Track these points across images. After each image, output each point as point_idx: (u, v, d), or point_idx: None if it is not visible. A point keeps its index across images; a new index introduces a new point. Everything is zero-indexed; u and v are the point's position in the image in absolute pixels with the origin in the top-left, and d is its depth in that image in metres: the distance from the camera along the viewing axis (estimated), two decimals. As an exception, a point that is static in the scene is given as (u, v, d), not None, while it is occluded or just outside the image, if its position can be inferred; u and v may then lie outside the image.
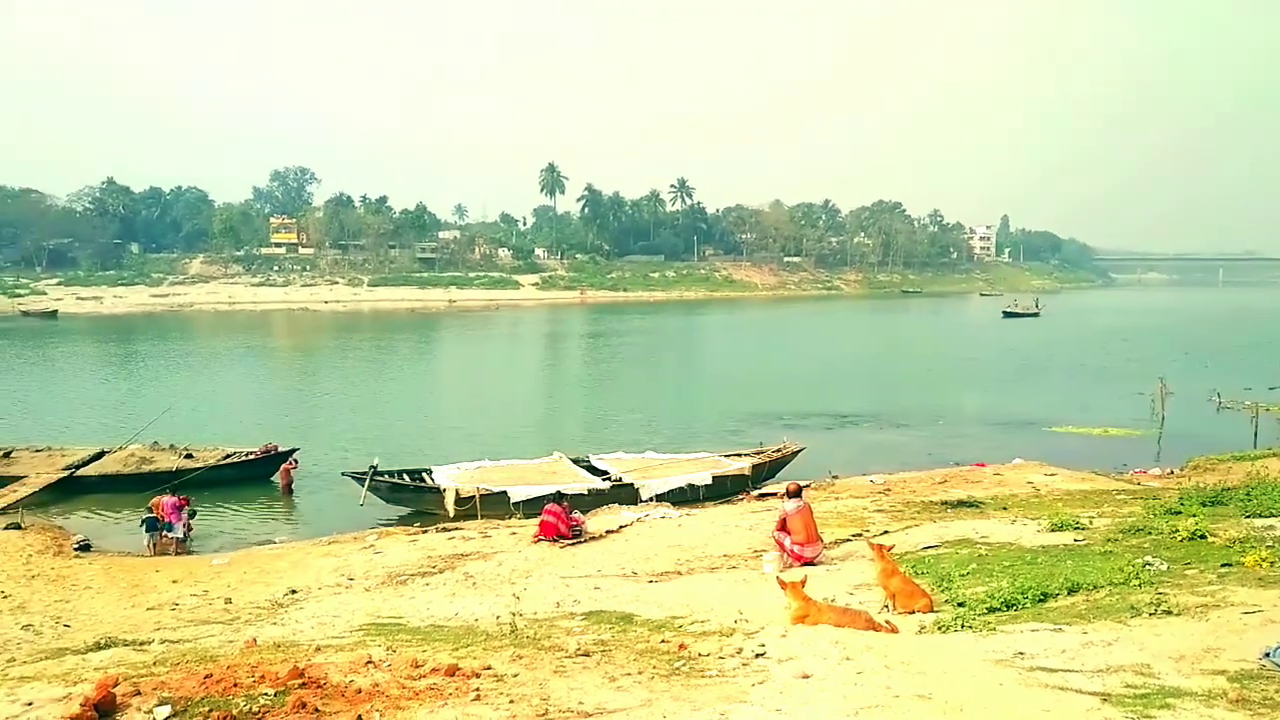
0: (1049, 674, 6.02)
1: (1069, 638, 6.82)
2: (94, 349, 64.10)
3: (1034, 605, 8.14)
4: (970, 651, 6.65)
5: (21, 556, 15.65)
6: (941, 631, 7.59)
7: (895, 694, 5.63)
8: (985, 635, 7.14)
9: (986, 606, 8.18)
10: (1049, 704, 5.43)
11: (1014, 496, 17.24)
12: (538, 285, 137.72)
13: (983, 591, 8.80)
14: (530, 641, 7.91)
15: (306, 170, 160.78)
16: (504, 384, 44.14)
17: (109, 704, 5.76)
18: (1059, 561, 10.00)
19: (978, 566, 10.25)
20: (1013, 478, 19.97)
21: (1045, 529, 12.53)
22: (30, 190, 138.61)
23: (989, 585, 9.10)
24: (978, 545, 11.83)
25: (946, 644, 7.04)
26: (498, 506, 18.76)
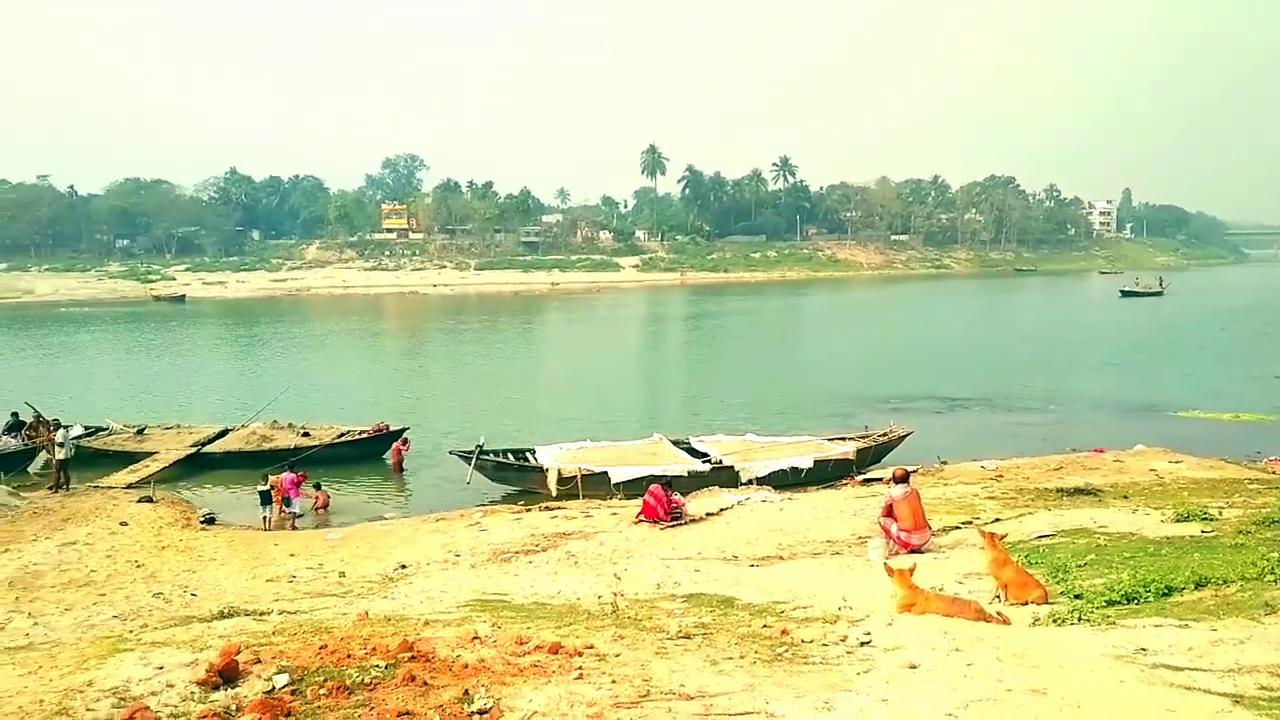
0: (1174, 672, 5.73)
1: (1196, 635, 6.46)
2: (218, 332, 67.36)
3: (1157, 599, 7.74)
4: (1088, 646, 6.39)
5: (153, 528, 16.61)
6: (1057, 624, 7.32)
7: (1007, 688, 5.47)
8: (1104, 629, 6.85)
9: (1105, 599, 7.82)
10: (1174, 704, 5.17)
11: (1135, 484, 16.45)
12: (638, 267, 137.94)
13: (1101, 584, 8.43)
14: (632, 622, 7.97)
15: (416, 157, 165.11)
16: (604, 366, 44.47)
17: (232, 671, 6.07)
18: (1184, 554, 9.51)
19: (1096, 557, 9.83)
20: (1134, 465, 19.08)
21: (1170, 519, 11.93)
22: (161, 181, 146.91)
23: (1108, 577, 8.71)
24: (1096, 535, 11.35)
25: (1062, 637, 6.78)
26: (599, 487, 18.94)
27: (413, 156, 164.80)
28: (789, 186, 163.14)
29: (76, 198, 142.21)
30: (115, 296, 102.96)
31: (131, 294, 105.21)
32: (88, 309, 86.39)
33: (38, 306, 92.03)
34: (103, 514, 17.50)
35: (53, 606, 11.50)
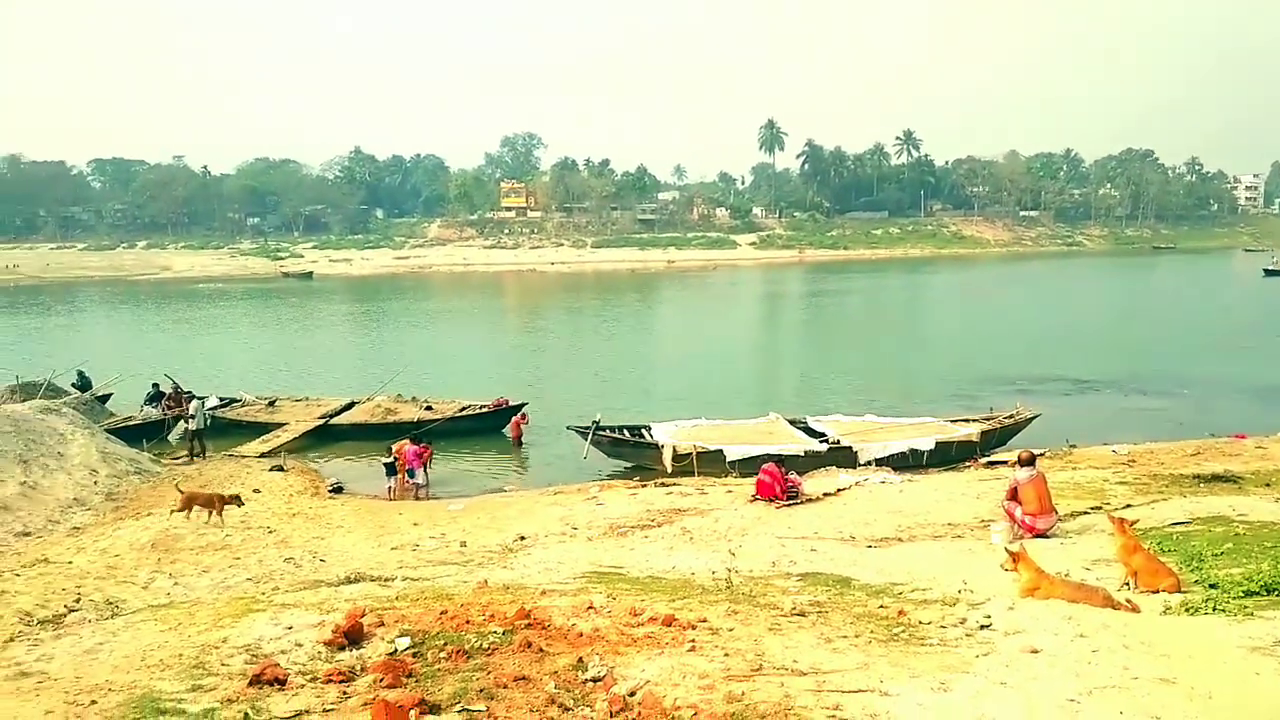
0: (1319, 668, 5.31)
1: (1345, 630, 5.98)
2: (345, 308, 70.08)
3: (1300, 591, 7.20)
4: (1222, 636, 5.99)
5: (284, 496, 17.42)
6: (1189, 614, 6.88)
7: (1134, 675, 5.19)
8: (1240, 620, 6.40)
9: (1243, 590, 7.30)
10: (1320, 701, 4.79)
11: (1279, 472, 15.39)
12: (755, 245, 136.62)
13: (1239, 574, 7.88)
14: (745, 598, 7.91)
15: (534, 136, 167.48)
16: (720, 344, 44.28)
17: (357, 632, 6.29)
18: (1334, 545, 8.82)
19: (1234, 546, 9.21)
20: (1279, 451, 17.87)
21: (1319, 509, 11.09)
22: (289, 160, 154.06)
23: (1246, 567, 8.14)
24: (1234, 523, 10.64)
25: (1195, 627, 6.38)
26: (714, 464, 18.89)
27: (531, 135, 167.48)
28: (913, 161, 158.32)
29: (210, 177, 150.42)
30: (247, 273, 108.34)
31: (262, 271, 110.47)
32: (221, 285, 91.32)
33: (175, 282, 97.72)
34: (237, 481, 18.47)
35: (191, 568, 12.18)
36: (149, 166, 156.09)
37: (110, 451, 19.35)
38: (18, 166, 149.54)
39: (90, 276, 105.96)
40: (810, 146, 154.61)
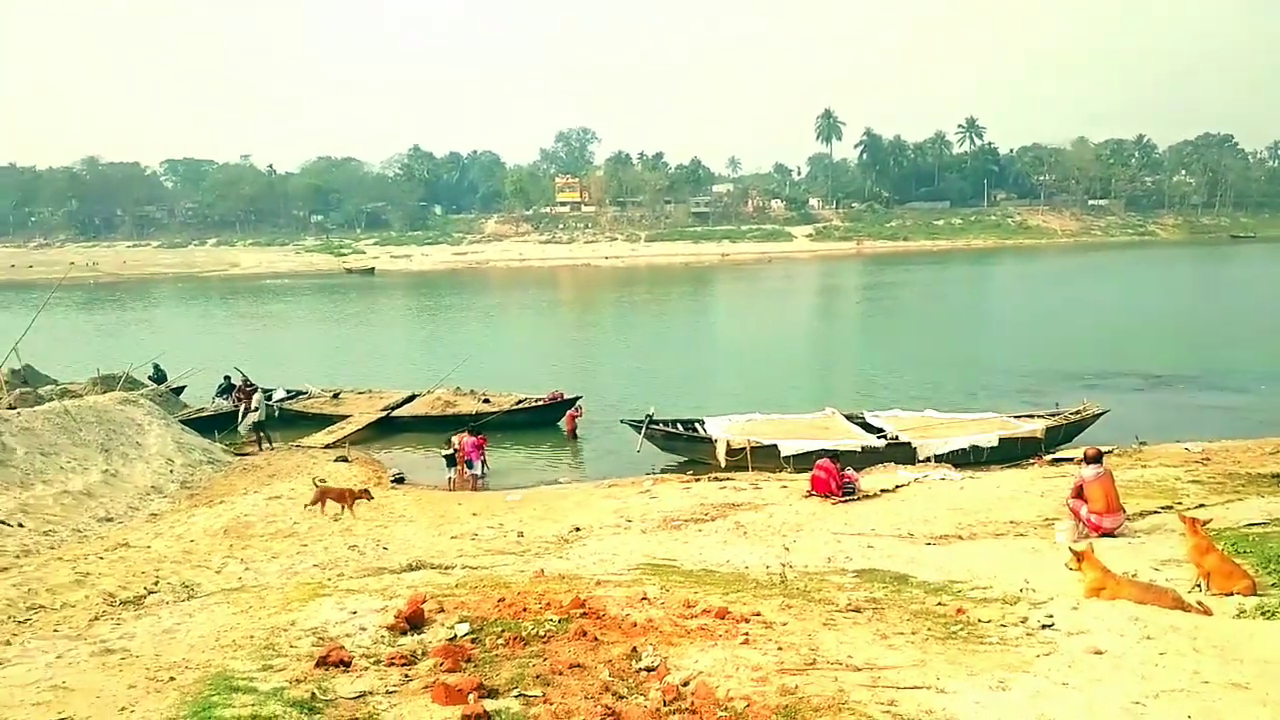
0: (1405, 677, 5.16)
1: None
2: (405, 303, 71.23)
3: (1387, 597, 6.98)
4: (1301, 642, 5.84)
5: (348, 486, 17.81)
6: (1265, 617, 6.72)
7: (1204, 679, 5.09)
8: (1321, 626, 6.25)
9: (1324, 595, 7.13)
10: (1404, 711, 4.66)
11: (1367, 473, 14.84)
12: (811, 236, 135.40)
13: (1320, 578, 7.69)
14: (800, 593, 7.91)
15: (588, 130, 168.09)
16: (774, 337, 44.05)
17: (418, 618, 6.46)
18: None
19: (1315, 549, 8.95)
20: (1365, 451, 17.22)
21: None
22: (351, 159, 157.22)
23: (1328, 571, 7.92)
24: (1316, 526, 10.33)
25: (1271, 631, 6.22)
26: (768, 459, 18.83)
27: (585, 129, 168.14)
28: (975, 149, 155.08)
29: (275, 176, 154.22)
30: (311, 269, 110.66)
31: (325, 267, 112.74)
32: (287, 281, 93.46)
33: (244, 279, 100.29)
34: (304, 471, 18.95)
35: (261, 554, 12.55)
36: (218, 166, 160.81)
37: (185, 441, 20.01)
38: (96, 168, 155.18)
39: (164, 273, 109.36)
40: (869, 135, 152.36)
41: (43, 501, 14.93)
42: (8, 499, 14.72)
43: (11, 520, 13.67)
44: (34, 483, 15.80)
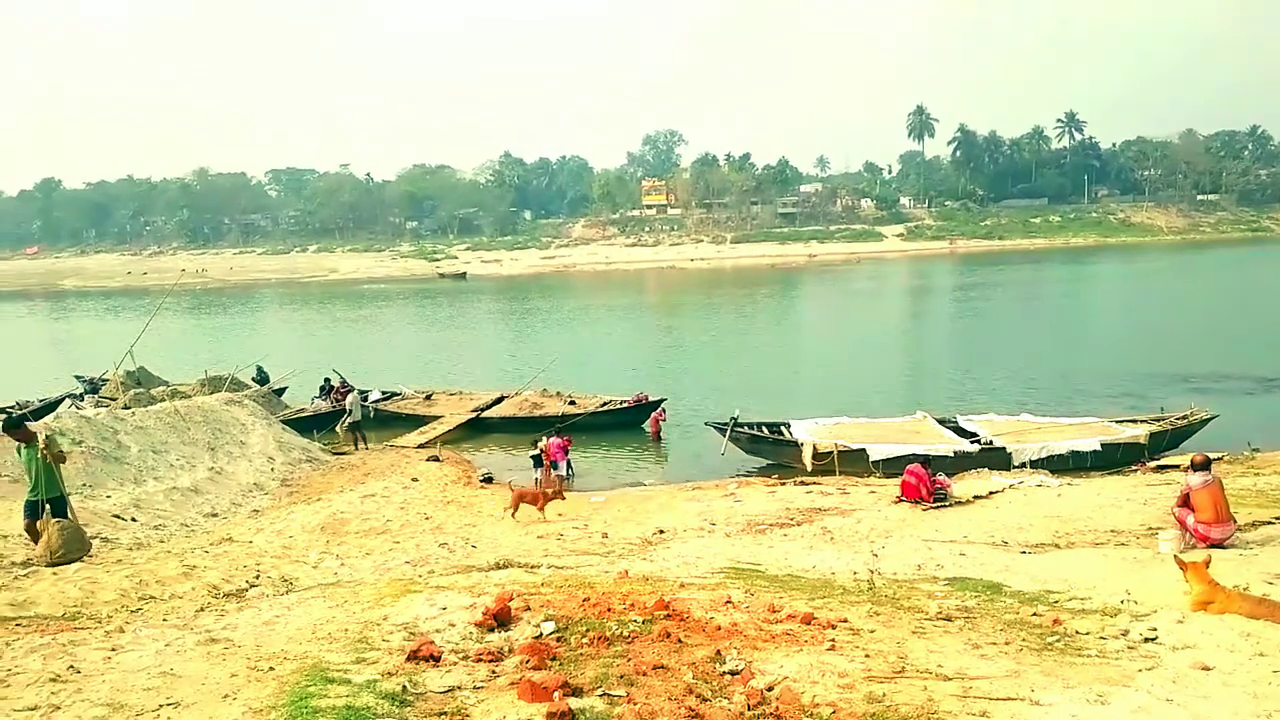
0: None
1: None
2: (495, 306, 72.46)
3: None
4: None
5: (439, 485, 18.23)
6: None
7: (1323, 702, 4.81)
8: None
9: None
10: None
11: None
12: (902, 236, 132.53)
13: None
14: (888, 600, 7.77)
15: (675, 133, 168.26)
16: (863, 339, 43.34)
17: (505, 615, 6.55)
18: None
19: None
20: None
21: None
22: (444, 166, 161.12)
23: None
24: None
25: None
26: (856, 464, 18.55)
27: (672, 132, 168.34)
28: (1075, 144, 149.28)
29: (373, 184, 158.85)
30: (406, 274, 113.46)
31: (420, 272, 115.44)
32: (383, 285, 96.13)
33: (342, 283, 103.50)
34: (397, 470, 19.45)
35: (356, 550, 12.92)
36: (319, 175, 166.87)
37: (285, 441, 20.76)
38: (206, 178, 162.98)
39: (267, 279, 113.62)
40: (962, 132, 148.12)
41: (154, 497, 15.68)
42: (122, 494, 15.49)
43: (126, 514, 14.39)
44: (146, 479, 16.61)
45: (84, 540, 11.39)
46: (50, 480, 11.38)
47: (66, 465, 15.04)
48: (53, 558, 10.92)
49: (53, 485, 11.39)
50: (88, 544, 11.44)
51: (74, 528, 11.31)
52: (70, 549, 11.04)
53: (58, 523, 11.16)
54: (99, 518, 13.83)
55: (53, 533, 11.07)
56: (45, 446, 11.35)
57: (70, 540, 11.11)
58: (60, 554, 10.95)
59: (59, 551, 10.96)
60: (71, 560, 10.87)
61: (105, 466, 16.53)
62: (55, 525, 11.11)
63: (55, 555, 10.94)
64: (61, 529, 11.12)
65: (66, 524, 11.25)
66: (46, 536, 11.09)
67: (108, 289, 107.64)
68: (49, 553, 10.98)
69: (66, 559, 10.90)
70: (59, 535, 11.06)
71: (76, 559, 10.96)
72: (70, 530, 11.22)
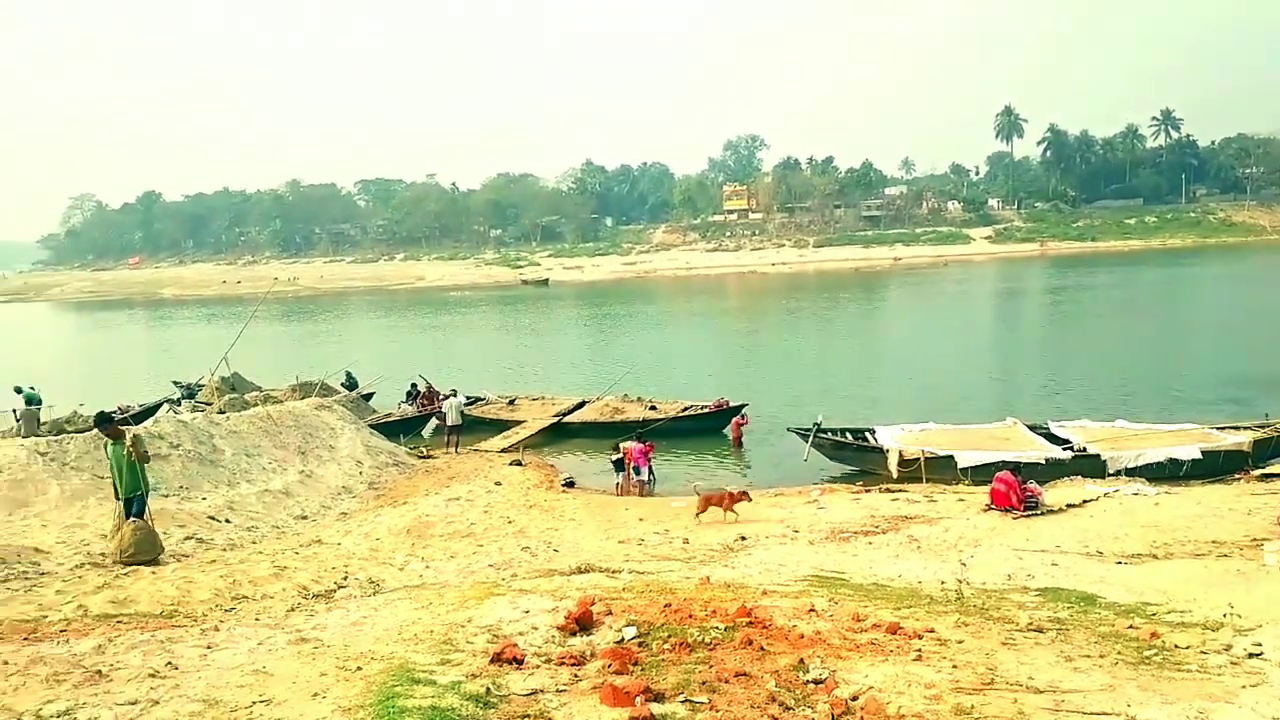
0: None
1: None
2: (576, 312, 73.07)
3: None
4: None
5: (522, 489, 18.45)
6: None
7: None
8: None
9: None
10: None
11: None
12: (990, 238, 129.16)
13: None
14: (977, 610, 7.58)
15: (756, 137, 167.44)
16: (950, 343, 42.34)
17: (587, 620, 6.59)
18: None
19: None
20: None
21: None
22: (528, 175, 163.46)
23: None
24: None
25: None
26: (943, 470, 18.13)
27: (753, 137, 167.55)
28: (1172, 142, 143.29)
29: (458, 193, 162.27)
30: (490, 281, 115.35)
31: (503, 279, 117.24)
32: (468, 292, 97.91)
33: (429, 291, 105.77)
34: (481, 474, 19.76)
35: (440, 553, 13.15)
36: (406, 185, 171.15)
37: (373, 445, 21.27)
38: (298, 190, 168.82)
39: (356, 286, 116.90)
40: (1053, 131, 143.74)
41: (247, 499, 16.23)
42: (217, 496, 16.09)
43: (220, 516, 14.93)
44: (239, 482, 17.21)
45: (155, 542, 11.49)
46: (132, 478, 11.51)
47: (165, 467, 15.67)
48: (122, 556, 11.05)
49: (134, 483, 11.52)
50: (159, 546, 11.55)
51: (147, 529, 11.43)
52: (140, 549, 11.16)
53: (132, 522, 11.29)
54: (195, 519, 14.39)
55: (125, 532, 11.21)
56: (132, 444, 11.49)
57: (141, 541, 11.22)
58: (130, 553, 11.07)
59: (129, 551, 11.08)
60: (140, 561, 11.00)
61: (201, 469, 17.20)
62: (130, 525, 11.25)
63: (125, 554, 11.06)
64: (135, 529, 11.24)
65: (140, 524, 11.36)
66: (119, 535, 11.23)
67: (204, 297, 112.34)
68: (119, 551, 11.12)
69: (135, 559, 11.02)
70: (131, 535, 11.19)
71: (145, 560, 11.08)
72: (143, 531, 11.33)
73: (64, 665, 6.01)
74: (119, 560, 11.03)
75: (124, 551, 11.10)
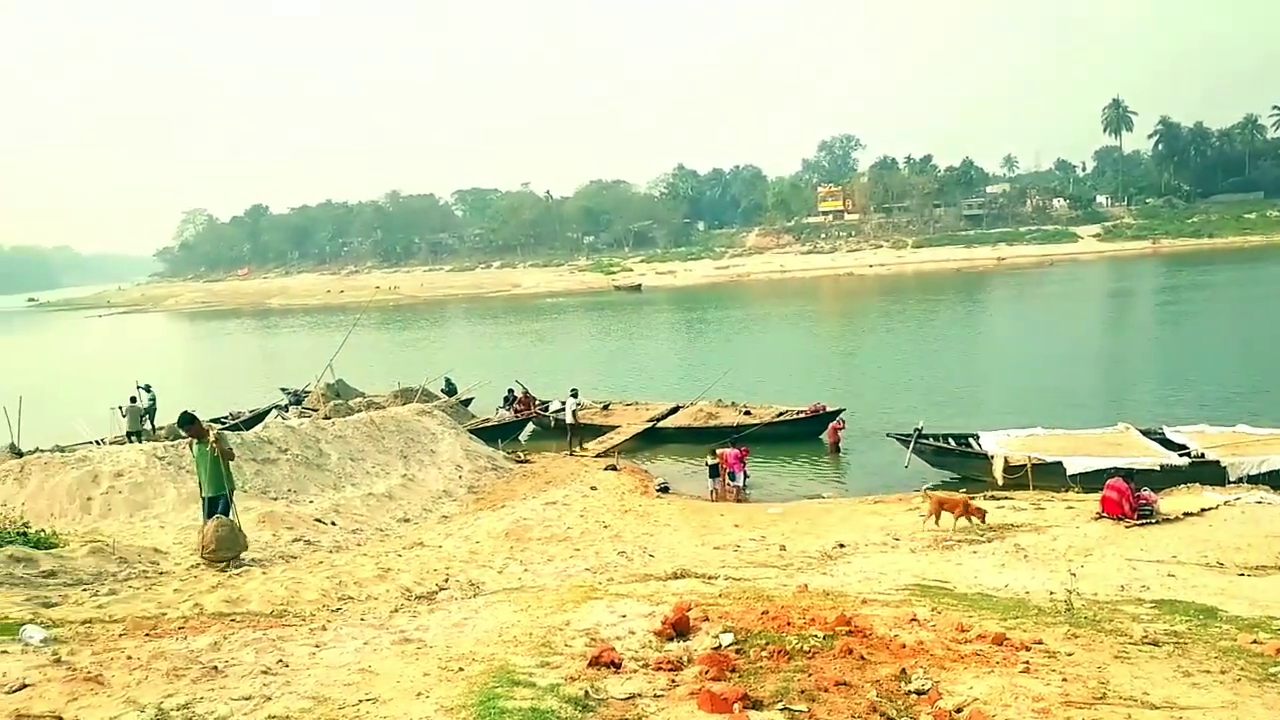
0: None
1: None
2: (669, 317, 73.20)
3: None
4: None
5: (617, 494, 18.56)
6: None
7: None
8: None
9: None
10: None
11: None
12: (1099, 236, 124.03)
13: None
14: (1088, 622, 7.30)
15: (851, 138, 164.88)
16: (1057, 346, 40.81)
17: (684, 625, 6.59)
18: None
19: None
20: None
21: None
22: (620, 181, 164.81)
23: None
24: None
25: None
26: (1051, 477, 17.53)
27: (848, 137, 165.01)
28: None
29: (552, 201, 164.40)
30: (583, 288, 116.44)
31: (596, 285, 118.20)
32: (562, 299, 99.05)
33: (524, 298, 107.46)
34: (577, 479, 19.96)
35: (538, 556, 13.34)
36: (501, 194, 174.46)
37: (472, 449, 21.73)
38: (398, 201, 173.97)
39: (454, 295, 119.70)
40: (1164, 124, 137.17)
41: (351, 502, 16.77)
42: (324, 499, 16.66)
43: (326, 518, 15.46)
44: (345, 485, 17.80)
45: (238, 540, 11.51)
46: (216, 477, 11.55)
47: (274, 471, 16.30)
48: (205, 554, 11.18)
49: (218, 482, 11.56)
50: (242, 544, 11.59)
51: (230, 526, 11.43)
52: (223, 547, 11.21)
53: (216, 519, 11.33)
54: (302, 521, 14.94)
55: (208, 530, 11.30)
56: (215, 441, 11.52)
57: (224, 539, 11.25)
58: (213, 551, 11.17)
59: (211, 548, 11.18)
60: (224, 560, 11.16)
61: (308, 473, 17.85)
62: (213, 522, 11.33)
63: (207, 552, 11.18)
64: (218, 526, 11.27)
65: (224, 522, 11.37)
66: (202, 533, 11.39)
67: (309, 306, 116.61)
68: (202, 549, 11.25)
69: (219, 557, 11.15)
70: (214, 533, 11.23)
71: (229, 559, 11.22)
72: (226, 529, 11.33)
73: (183, 661, 6.29)
74: (202, 558, 11.19)
75: (206, 549, 11.22)
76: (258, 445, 18.14)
